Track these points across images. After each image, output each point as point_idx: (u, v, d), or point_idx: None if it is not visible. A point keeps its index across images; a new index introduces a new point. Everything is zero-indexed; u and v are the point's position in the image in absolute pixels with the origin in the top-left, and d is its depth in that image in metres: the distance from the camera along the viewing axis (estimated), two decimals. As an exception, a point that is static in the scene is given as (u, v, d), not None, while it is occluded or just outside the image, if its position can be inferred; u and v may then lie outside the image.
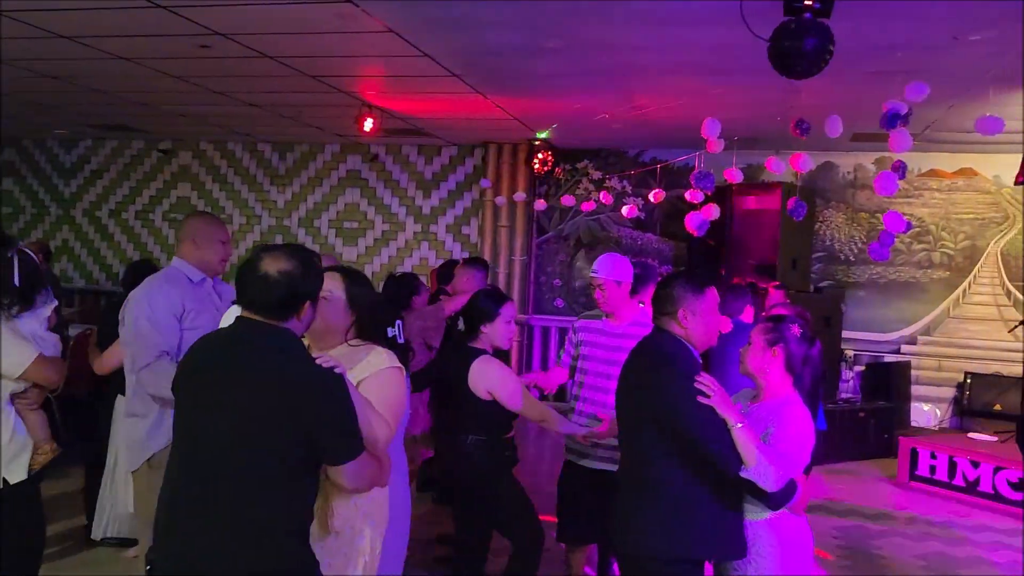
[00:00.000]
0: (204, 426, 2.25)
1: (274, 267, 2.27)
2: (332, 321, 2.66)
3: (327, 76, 7.23)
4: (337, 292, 2.68)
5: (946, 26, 5.09)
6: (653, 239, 10.17)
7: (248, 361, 2.25)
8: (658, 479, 2.79)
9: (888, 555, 5.62)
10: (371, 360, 2.64)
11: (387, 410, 2.56)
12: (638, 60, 6.28)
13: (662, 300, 2.91)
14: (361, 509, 2.62)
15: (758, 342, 2.95)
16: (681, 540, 2.77)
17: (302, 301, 2.31)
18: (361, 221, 11.21)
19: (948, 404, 9.39)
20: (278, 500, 2.21)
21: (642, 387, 2.85)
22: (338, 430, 2.25)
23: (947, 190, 9.53)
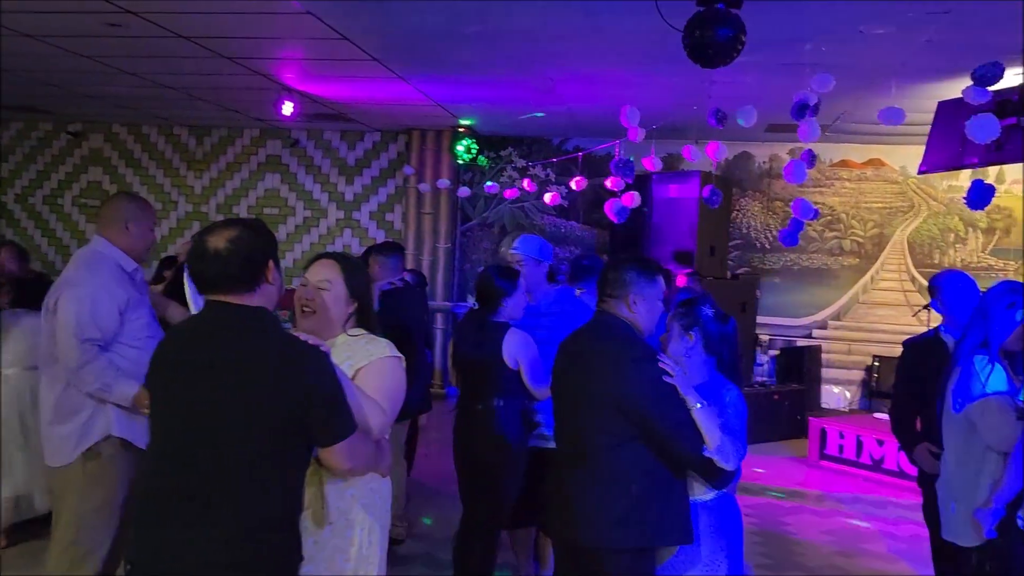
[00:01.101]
0: (184, 418, 2.12)
1: (221, 241, 2.15)
2: (333, 311, 2.58)
3: (244, 58, 7.08)
4: (336, 281, 2.58)
5: (852, 20, 5.26)
6: (576, 226, 10.28)
7: (224, 346, 2.14)
8: (615, 466, 2.72)
9: (798, 532, 5.82)
10: (371, 349, 2.56)
11: (384, 397, 2.49)
12: (559, 48, 6.32)
13: (611, 283, 2.87)
14: (359, 500, 2.54)
15: (675, 328, 2.97)
16: (640, 529, 2.72)
17: (263, 263, 2.19)
18: (282, 207, 11.02)
19: (857, 386, 9.77)
20: (264, 489, 2.10)
21: (598, 371, 2.78)
22: (327, 407, 2.14)
23: (857, 180, 9.87)
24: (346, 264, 2.64)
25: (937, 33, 5.35)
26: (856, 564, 5.25)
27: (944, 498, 3.20)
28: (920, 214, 9.73)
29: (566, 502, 2.83)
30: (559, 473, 2.94)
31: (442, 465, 7.04)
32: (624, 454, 2.71)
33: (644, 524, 2.72)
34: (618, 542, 2.73)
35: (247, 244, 2.16)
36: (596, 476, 2.75)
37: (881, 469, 7.18)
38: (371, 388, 2.46)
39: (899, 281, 9.81)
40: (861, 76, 6.46)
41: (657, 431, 2.70)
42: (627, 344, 2.80)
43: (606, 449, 2.73)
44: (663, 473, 2.75)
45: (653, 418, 2.69)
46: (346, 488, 2.52)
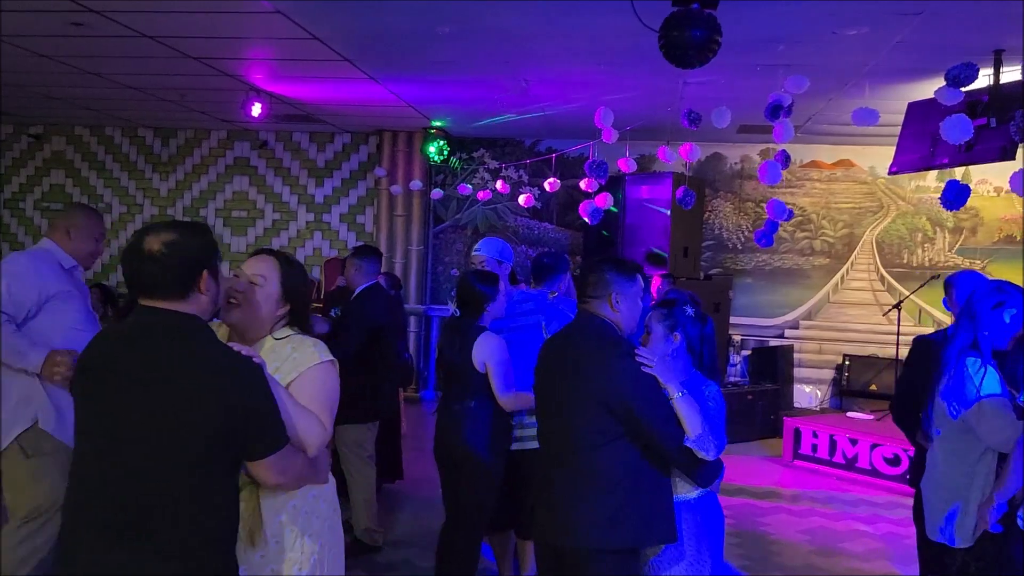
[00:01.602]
0: (108, 429, 2.02)
1: (157, 243, 2.05)
2: (262, 311, 2.41)
3: (211, 58, 6.95)
4: (271, 278, 2.43)
5: (826, 21, 5.28)
6: (549, 228, 10.24)
7: (150, 354, 2.03)
8: (601, 466, 2.72)
9: (775, 532, 5.82)
10: (299, 357, 2.40)
11: (321, 409, 2.36)
12: (533, 48, 6.27)
13: (592, 284, 2.88)
14: (296, 520, 2.39)
15: (657, 330, 2.97)
16: (626, 530, 2.71)
17: (197, 271, 2.08)
18: (250, 210, 10.86)
19: (828, 385, 9.83)
20: (193, 506, 2.01)
21: (582, 371, 2.77)
22: (256, 419, 2.06)
23: (827, 180, 9.94)
24: (284, 262, 2.49)
25: (909, 34, 5.38)
26: (835, 563, 5.25)
27: (932, 499, 3.19)
28: (889, 214, 9.83)
29: (552, 504, 2.83)
30: (544, 475, 2.92)
31: (422, 469, 6.98)
32: (610, 453, 2.72)
33: (630, 524, 2.73)
34: (605, 543, 2.73)
35: (182, 249, 2.07)
36: (582, 477, 2.75)
37: (855, 468, 7.22)
38: (306, 399, 2.33)
39: (869, 281, 9.89)
40: (833, 77, 6.49)
41: (642, 425, 2.71)
42: (609, 342, 2.81)
43: (592, 448, 2.74)
44: (649, 472, 2.76)
45: (638, 412, 2.69)
46: (284, 504, 2.37)
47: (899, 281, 9.68)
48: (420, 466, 7.17)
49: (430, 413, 9.99)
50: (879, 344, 9.50)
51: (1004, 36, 5.30)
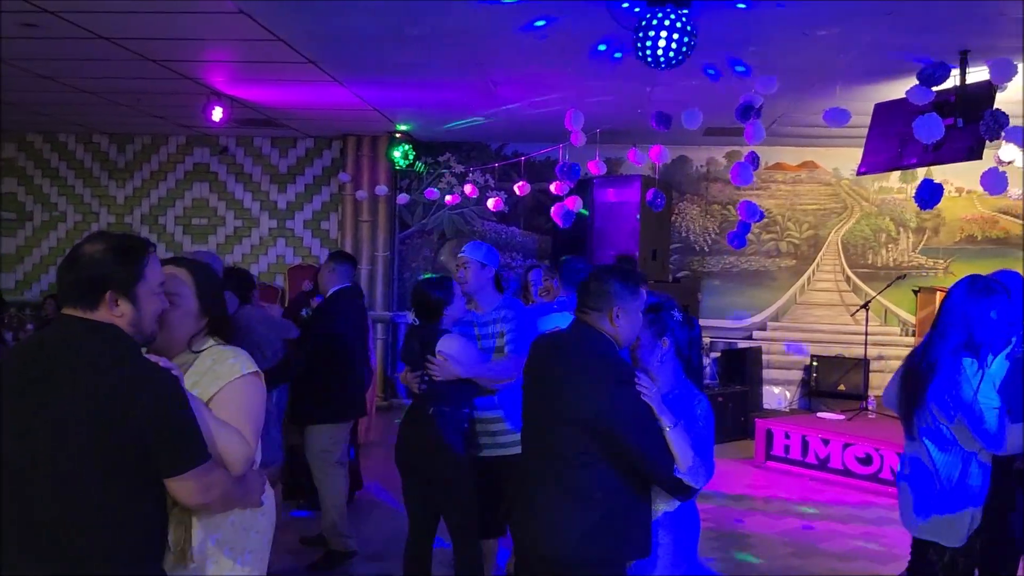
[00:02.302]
0: (19, 444, 1.92)
1: (87, 249, 2.01)
2: (178, 331, 2.25)
3: (170, 60, 6.76)
4: (185, 294, 2.27)
5: (795, 22, 5.28)
6: (517, 232, 10.17)
7: (62, 363, 1.94)
8: (585, 484, 2.66)
9: (753, 534, 5.80)
10: (219, 370, 2.25)
11: (244, 424, 2.22)
12: (501, 51, 6.20)
13: (594, 295, 2.75)
14: (225, 543, 2.26)
15: (645, 336, 2.88)
16: (614, 544, 2.68)
17: (100, 290, 1.98)
18: (211, 217, 10.63)
19: (797, 386, 9.88)
20: (108, 520, 1.92)
21: (574, 390, 2.68)
22: (173, 433, 1.96)
23: (792, 182, 10.01)
24: (197, 272, 2.33)
25: (878, 35, 5.40)
26: (814, 564, 5.24)
27: (923, 498, 3.16)
28: (853, 215, 9.92)
29: (535, 516, 2.78)
30: (527, 485, 2.85)
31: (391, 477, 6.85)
32: (594, 472, 2.66)
33: (610, 539, 2.68)
34: (586, 555, 2.67)
35: (96, 264, 2.00)
36: (565, 492, 2.69)
37: (827, 468, 7.24)
38: (229, 414, 2.20)
39: (834, 281, 9.96)
40: (801, 78, 6.51)
41: (631, 454, 2.65)
42: (606, 364, 2.71)
43: (577, 467, 2.67)
44: (628, 491, 2.71)
45: (628, 443, 2.63)
46: (221, 521, 2.25)
47: (864, 281, 9.77)
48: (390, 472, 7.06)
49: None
50: (846, 344, 9.57)
51: (969, 37, 5.34)
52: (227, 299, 3.23)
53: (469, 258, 4.10)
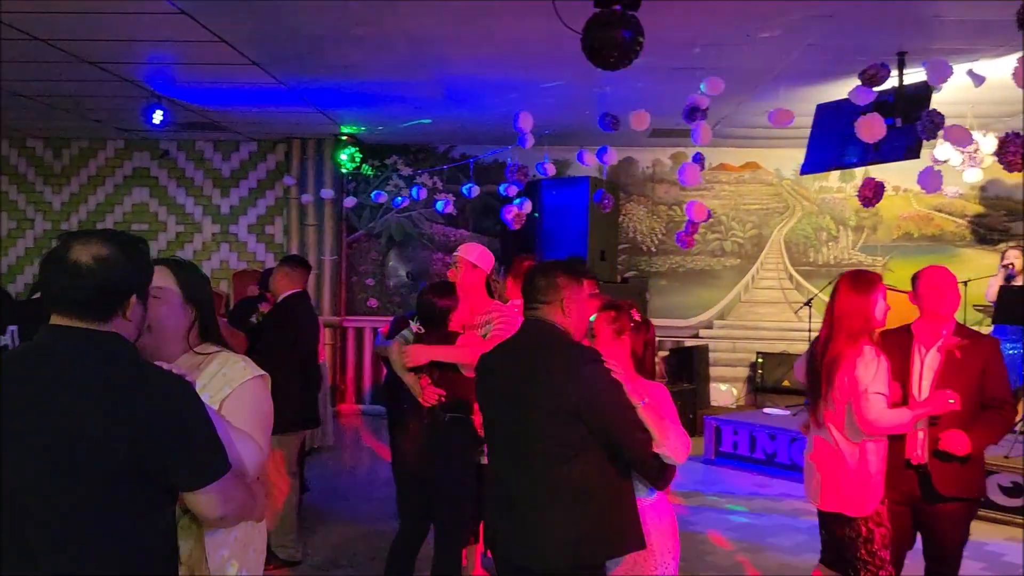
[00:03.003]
0: (16, 464, 1.75)
1: (86, 255, 1.82)
2: (167, 324, 2.20)
3: (108, 62, 6.59)
4: (169, 288, 2.22)
5: (739, 24, 5.36)
6: (466, 235, 10.12)
7: (64, 378, 1.79)
8: (572, 480, 2.61)
9: (703, 530, 5.87)
10: (228, 373, 2.20)
11: (256, 428, 2.15)
12: (448, 52, 6.18)
13: (542, 289, 2.76)
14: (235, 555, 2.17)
15: (605, 332, 2.95)
16: (602, 544, 2.66)
17: (125, 295, 1.87)
18: (152, 223, 10.38)
19: (743, 383, 10.04)
20: (120, 545, 1.79)
21: (546, 380, 2.64)
22: (195, 445, 1.85)
23: (735, 182, 10.17)
24: (179, 268, 2.29)
25: (819, 37, 5.52)
26: (764, 559, 5.32)
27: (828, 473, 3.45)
28: (795, 214, 10.12)
29: (519, 523, 2.69)
30: (503, 491, 2.77)
31: (341, 484, 6.78)
32: (580, 465, 2.61)
33: (605, 538, 2.66)
34: (581, 560, 2.63)
35: (113, 269, 1.84)
36: (552, 492, 2.62)
37: (775, 464, 7.37)
38: (241, 420, 2.14)
39: (778, 280, 10.15)
40: (745, 80, 6.61)
41: (613, 434, 2.63)
42: (571, 349, 2.71)
43: (562, 461, 2.61)
44: (616, 481, 2.69)
45: (610, 419, 2.62)
46: (226, 537, 2.17)
47: (806, 279, 9.97)
48: (340, 481, 6.98)
49: (351, 428, 9.79)
50: (790, 341, 9.76)
51: (907, 39, 5.49)
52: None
53: (461, 256, 4.10)
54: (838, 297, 3.47)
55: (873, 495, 3.37)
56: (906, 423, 3.39)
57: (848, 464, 3.38)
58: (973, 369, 3.49)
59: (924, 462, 3.52)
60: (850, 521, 3.39)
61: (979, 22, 5.15)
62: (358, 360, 10.20)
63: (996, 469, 6.07)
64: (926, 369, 3.58)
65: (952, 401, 3.37)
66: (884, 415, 3.31)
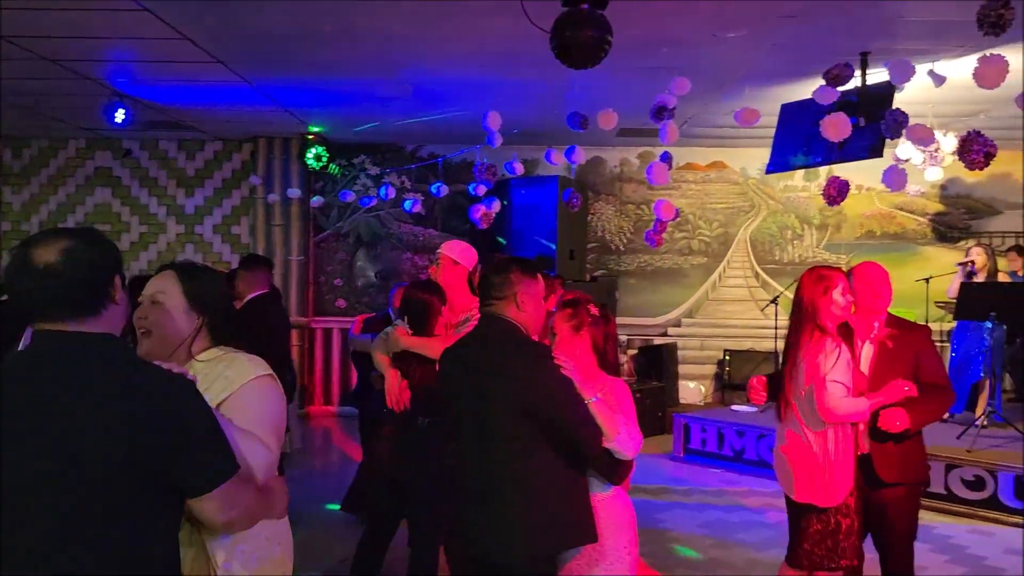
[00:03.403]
0: (16, 465, 1.70)
1: (51, 254, 1.75)
2: (169, 328, 2.17)
3: (69, 60, 6.47)
4: (172, 291, 2.19)
5: (706, 24, 5.40)
6: (435, 234, 10.10)
7: (63, 380, 1.73)
8: (528, 476, 2.66)
9: (673, 527, 5.90)
10: (230, 374, 2.14)
11: (264, 428, 2.09)
12: (415, 51, 6.15)
13: (497, 285, 2.79)
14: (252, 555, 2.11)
15: (564, 329, 2.97)
16: (557, 535, 2.70)
17: (108, 278, 1.82)
18: (115, 223, 10.21)
19: (711, 380, 10.13)
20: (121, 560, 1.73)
21: (500, 377, 2.68)
22: (199, 447, 1.79)
23: (702, 182, 10.25)
24: (184, 272, 2.25)
25: (784, 37, 5.58)
26: (733, 554, 5.37)
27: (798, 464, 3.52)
28: (760, 213, 10.23)
29: (477, 518, 2.74)
30: (464, 488, 2.81)
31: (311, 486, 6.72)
32: (535, 461, 2.67)
33: (557, 531, 2.69)
34: (534, 551, 2.67)
35: (86, 256, 1.78)
36: (509, 487, 2.67)
37: (742, 460, 7.44)
38: (246, 420, 2.06)
39: (744, 278, 10.25)
40: (712, 80, 6.67)
41: (564, 430, 2.67)
42: (524, 345, 2.76)
43: (518, 457, 2.67)
44: (570, 476, 2.74)
45: (561, 416, 2.66)
46: (232, 548, 2.08)
47: (772, 277, 10.08)
48: (310, 483, 6.92)
49: (320, 429, 9.73)
50: (756, 338, 9.85)
51: (869, 39, 5.57)
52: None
53: (443, 253, 4.09)
54: (800, 292, 3.57)
55: (841, 485, 3.44)
56: (864, 411, 3.47)
57: (815, 454, 3.46)
58: (906, 358, 3.61)
59: (866, 451, 3.61)
60: (820, 512, 3.46)
61: (940, 22, 5.24)
62: (326, 361, 10.12)
63: (959, 463, 6.17)
64: (862, 361, 3.68)
65: (908, 388, 3.47)
66: (842, 403, 3.39)
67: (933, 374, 3.66)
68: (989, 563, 5.23)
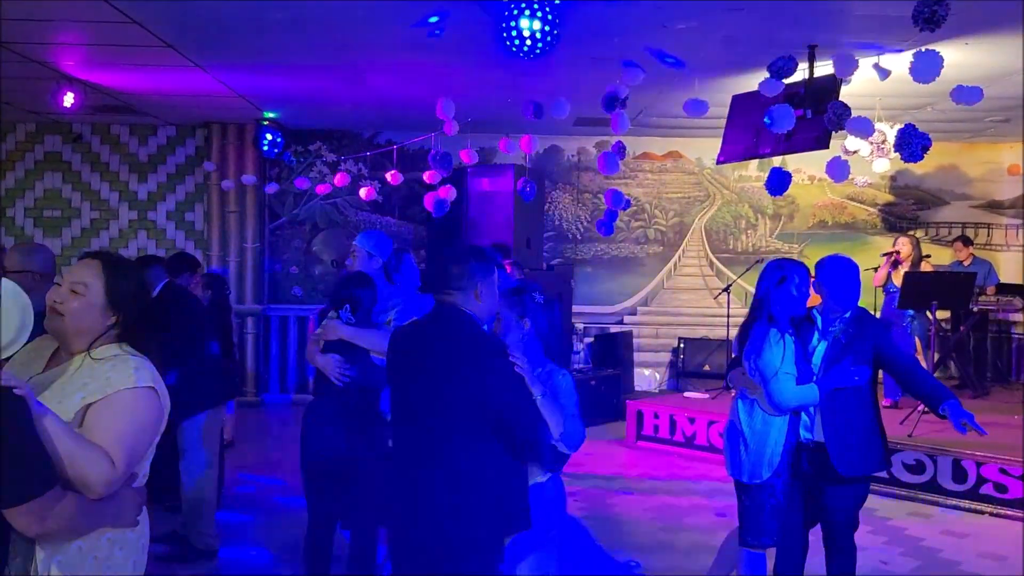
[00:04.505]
0: None
1: None
2: (83, 323, 2.13)
3: (15, 43, 6.34)
4: (93, 285, 2.14)
5: (656, 14, 5.45)
6: (392, 222, 10.09)
7: None
8: (469, 465, 2.69)
9: (623, 512, 6.00)
10: (114, 378, 2.08)
11: (115, 441, 2.03)
12: (369, 38, 6.13)
13: (456, 276, 2.80)
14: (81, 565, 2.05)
15: (508, 317, 3.00)
16: (492, 523, 2.73)
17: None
18: (65, 209, 10.04)
19: (666, 368, 10.26)
20: None
21: (452, 370, 2.71)
22: (6, 462, 1.78)
23: (658, 171, 10.35)
24: (110, 266, 2.20)
25: (733, 29, 5.65)
26: (680, 538, 5.47)
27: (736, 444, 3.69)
28: (715, 203, 10.36)
29: (415, 502, 2.76)
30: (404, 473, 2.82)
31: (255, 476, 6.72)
32: (477, 451, 2.70)
33: (494, 518, 2.74)
34: (469, 534, 2.71)
35: None
36: (448, 475, 2.70)
37: (693, 445, 7.55)
38: (100, 428, 2.02)
39: (699, 267, 10.39)
40: (664, 70, 6.72)
41: (513, 426, 2.72)
42: (478, 340, 2.79)
43: (460, 447, 2.69)
44: (512, 465, 2.78)
45: (509, 412, 2.70)
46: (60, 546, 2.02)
47: (726, 266, 10.23)
48: (261, 471, 6.91)
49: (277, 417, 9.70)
50: (710, 327, 10.00)
51: (817, 32, 5.67)
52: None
53: (357, 247, 4.15)
54: (758, 283, 3.71)
55: (769, 464, 3.57)
56: (813, 399, 3.55)
57: (740, 431, 3.64)
58: (862, 350, 3.65)
59: (816, 440, 3.68)
60: (746, 488, 3.65)
61: (884, 17, 5.34)
62: (282, 349, 10.06)
63: (900, 448, 6.33)
64: (816, 355, 3.73)
65: (857, 378, 3.54)
66: (793, 392, 3.49)
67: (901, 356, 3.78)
68: (926, 544, 5.40)
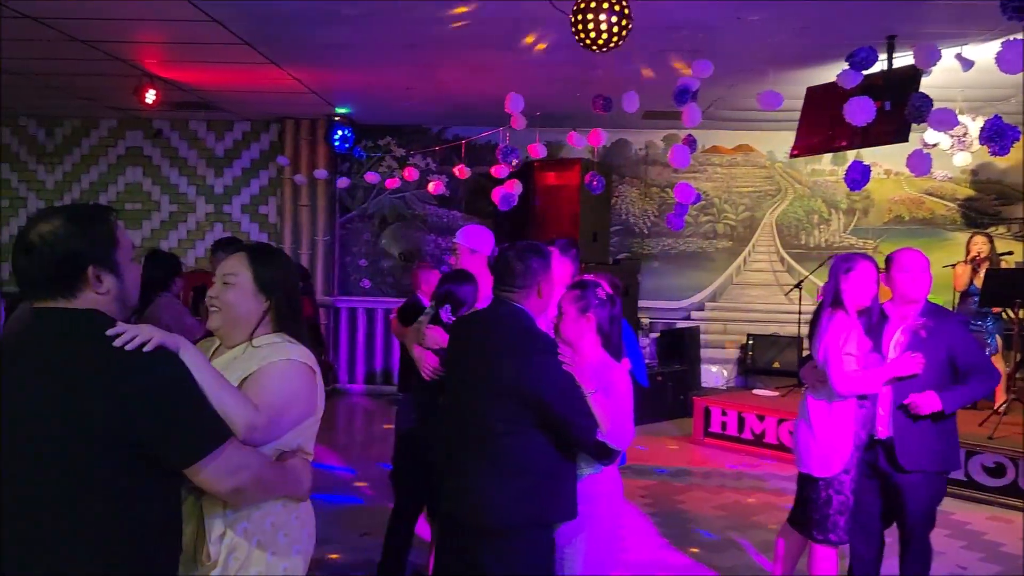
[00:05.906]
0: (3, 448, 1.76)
1: (36, 233, 1.79)
2: (239, 311, 2.19)
3: (100, 41, 6.59)
4: (243, 274, 2.21)
5: (730, 6, 5.38)
6: (459, 216, 10.17)
7: (43, 357, 1.77)
8: (512, 452, 2.78)
9: (690, 509, 5.95)
10: (268, 353, 2.13)
11: (257, 394, 2.04)
12: (438, 32, 6.19)
13: (520, 274, 2.89)
14: (253, 535, 2.06)
15: (571, 311, 3.03)
16: (542, 509, 2.81)
17: (79, 267, 1.80)
18: (145, 202, 10.39)
19: (733, 364, 10.12)
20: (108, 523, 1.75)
21: (501, 363, 2.80)
22: (168, 416, 1.77)
23: (728, 165, 10.20)
24: (256, 254, 2.26)
25: (810, 20, 5.54)
26: (750, 536, 5.40)
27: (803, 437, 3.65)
28: (787, 197, 10.16)
29: (463, 486, 2.88)
30: (454, 457, 2.94)
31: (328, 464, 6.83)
32: (521, 440, 2.79)
33: (537, 503, 2.81)
34: (515, 520, 2.79)
35: (63, 242, 1.80)
36: (493, 461, 2.81)
37: (763, 443, 7.45)
38: (252, 391, 2.06)
39: (769, 262, 10.20)
40: (736, 63, 6.63)
41: (557, 421, 2.78)
42: (530, 337, 2.87)
43: (505, 435, 2.79)
44: (555, 456, 2.85)
45: (555, 409, 2.76)
46: (237, 521, 2.05)
47: (798, 261, 10.03)
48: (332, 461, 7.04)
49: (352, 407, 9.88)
50: (780, 323, 9.81)
51: (896, 23, 5.52)
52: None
53: (459, 243, 4.01)
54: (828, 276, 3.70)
55: (837, 459, 3.53)
56: (875, 383, 3.55)
57: (811, 425, 3.60)
58: (938, 347, 3.62)
59: (887, 435, 3.67)
60: (814, 482, 3.59)
61: (967, 6, 5.18)
62: (351, 340, 10.24)
63: (979, 449, 6.14)
64: (893, 349, 3.71)
65: (920, 373, 3.54)
66: (854, 375, 3.48)
67: (971, 358, 3.70)
68: (1006, 550, 5.23)
